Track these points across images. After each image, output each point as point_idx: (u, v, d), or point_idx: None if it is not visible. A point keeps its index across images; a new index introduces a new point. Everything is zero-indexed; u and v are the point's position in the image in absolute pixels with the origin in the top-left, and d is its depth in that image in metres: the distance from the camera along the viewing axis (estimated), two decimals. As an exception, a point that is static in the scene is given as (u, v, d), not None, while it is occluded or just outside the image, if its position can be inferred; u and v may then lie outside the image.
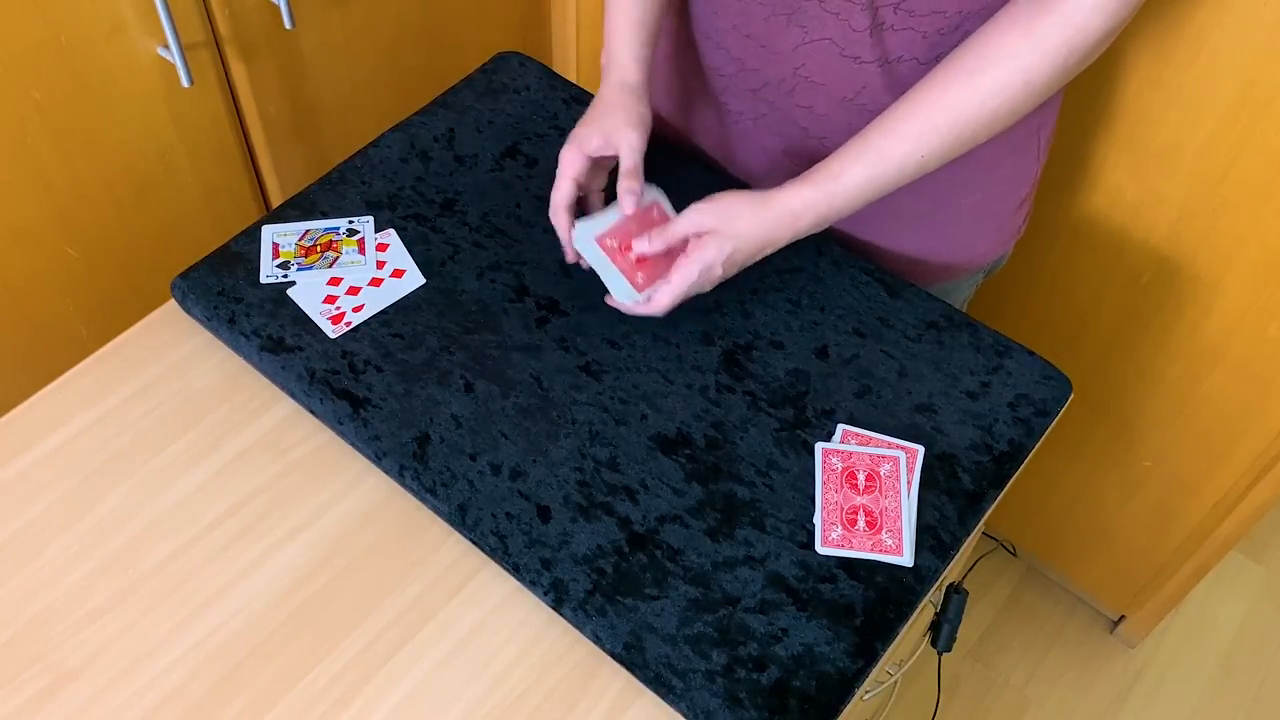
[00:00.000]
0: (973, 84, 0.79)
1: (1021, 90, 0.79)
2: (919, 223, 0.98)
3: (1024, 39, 0.77)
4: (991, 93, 0.79)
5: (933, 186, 0.94)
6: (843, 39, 0.85)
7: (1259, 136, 1.05)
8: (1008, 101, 0.80)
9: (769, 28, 0.88)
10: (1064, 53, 0.77)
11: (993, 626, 1.71)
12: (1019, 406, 0.87)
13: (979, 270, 1.05)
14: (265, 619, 0.77)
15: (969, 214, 0.98)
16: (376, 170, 1.00)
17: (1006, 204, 1.00)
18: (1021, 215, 1.03)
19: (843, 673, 0.74)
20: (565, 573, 0.77)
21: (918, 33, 0.82)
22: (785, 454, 0.83)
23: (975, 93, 0.79)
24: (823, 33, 0.85)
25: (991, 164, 0.94)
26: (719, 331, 0.90)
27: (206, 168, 1.23)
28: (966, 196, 0.96)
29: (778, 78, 0.90)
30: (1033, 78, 0.78)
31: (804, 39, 0.86)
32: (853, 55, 0.85)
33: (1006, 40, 0.78)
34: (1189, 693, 1.65)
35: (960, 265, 1.03)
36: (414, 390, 0.85)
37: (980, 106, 0.80)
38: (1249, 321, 1.19)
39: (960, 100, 0.80)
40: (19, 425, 0.86)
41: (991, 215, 1.00)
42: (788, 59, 0.89)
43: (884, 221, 0.98)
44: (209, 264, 0.93)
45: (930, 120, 0.81)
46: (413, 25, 1.35)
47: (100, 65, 1.06)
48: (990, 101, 0.79)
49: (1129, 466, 1.44)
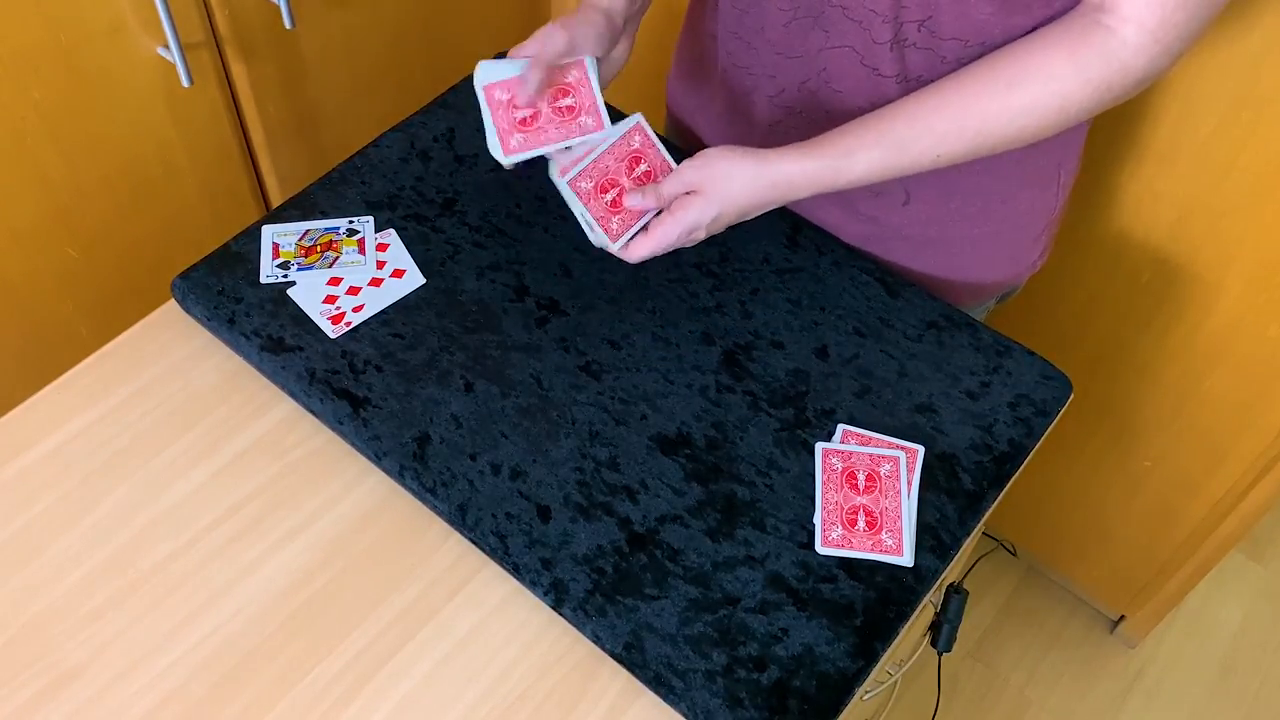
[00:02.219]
0: (1009, 96, 0.78)
1: (1056, 114, 0.78)
2: (930, 247, 0.97)
3: (1068, 63, 0.76)
4: (1024, 109, 0.78)
5: (945, 215, 0.94)
6: (864, 48, 0.84)
7: (1259, 136, 1.05)
8: (1037, 121, 0.78)
9: (789, 33, 0.87)
10: (1104, 88, 0.76)
11: (993, 626, 1.71)
12: (1019, 406, 0.87)
13: (990, 298, 1.05)
14: (265, 619, 0.77)
15: (981, 244, 0.97)
16: (376, 170, 1.00)
17: (1022, 236, 0.99)
18: (1039, 249, 1.02)
19: (843, 673, 0.74)
20: (565, 573, 0.77)
21: (938, 55, 0.82)
22: (785, 454, 0.83)
23: (1008, 106, 0.78)
24: (845, 40, 0.85)
25: (1006, 197, 0.94)
26: (719, 331, 0.90)
27: (206, 168, 1.23)
28: (979, 227, 0.96)
29: (799, 80, 0.90)
30: (1069, 104, 0.77)
31: (826, 43, 0.86)
32: (872, 66, 0.85)
33: (1050, 60, 0.76)
34: (1189, 693, 1.65)
35: (969, 291, 1.02)
36: (414, 390, 0.85)
37: (1010, 122, 0.78)
38: (1249, 321, 1.19)
39: (993, 111, 0.78)
40: (19, 425, 0.86)
41: (1005, 246, 0.99)
42: (811, 62, 0.88)
43: (896, 243, 0.97)
44: (209, 264, 0.93)
45: (957, 122, 0.79)
46: (413, 25, 1.35)
47: (100, 65, 1.06)
48: (1020, 119, 0.78)
49: (1129, 466, 1.44)
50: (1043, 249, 1.02)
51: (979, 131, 0.79)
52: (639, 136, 0.87)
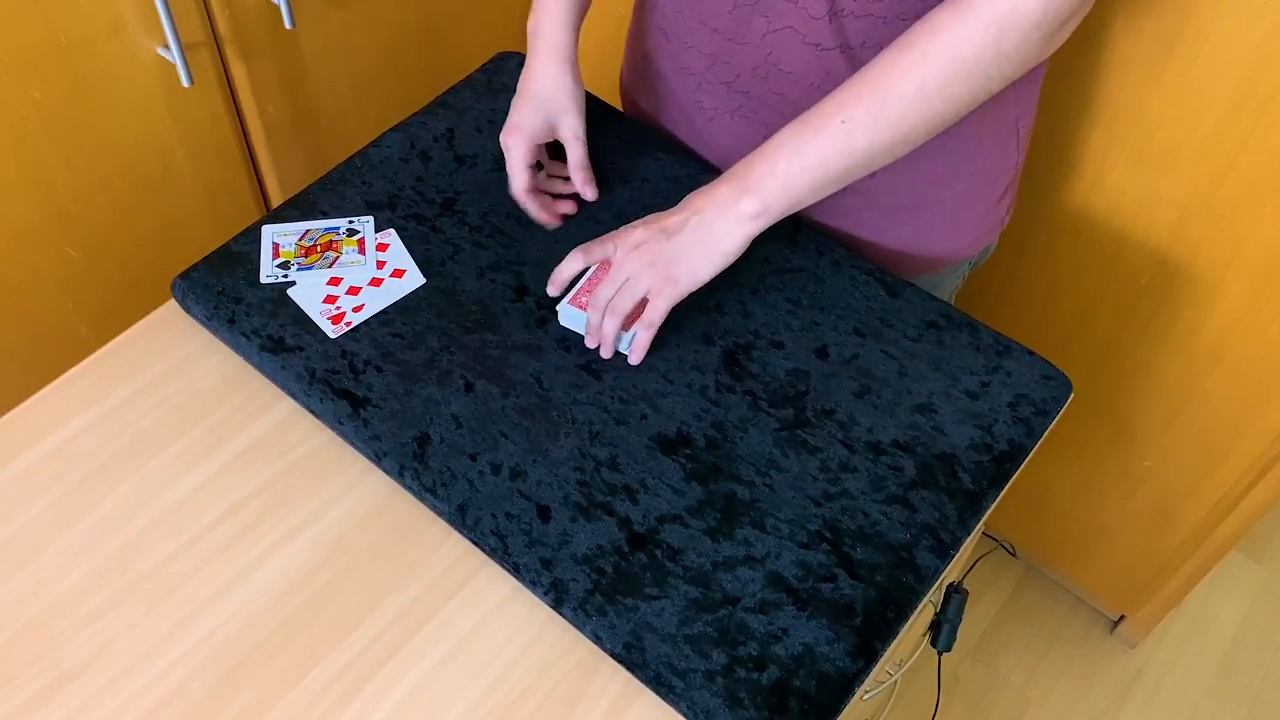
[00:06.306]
0: (898, 56, 0.78)
1: (949, 65, 0.76)
2: (901, 216, 0.98)
3: (954, 12, 0.75)
4: (915, 64, 0.77)
5: (913, 180, 0.95)
6: (804, 26, 0.85)
7: (1259, 136, 1.05)
8: (935, 75, 0.77)
9: (734, 19, 0.88)
10: (995, 30, 0.74)
11: (993, 626, 1.71)
12: (1019, 406, 0.87)
13: (964, 262, 1.06)
14: (265, 619, 0.77)
15: (950, 207, 0.98)
16: (376, 170, 1.00)
17: (987, 196, 1.00)
18: (1003, 207, 1.03)
19: (843, 672, 0.74)
20: (565, 573, 0.77)
21: (876, 18, 0.82)
22: (785, 454, 0.83)
23: (898, 63, 0.78)
24: (785, 21, 0.86)
25: (970, 156, 0.95)
26: (719, 331, 0.90)
27: (206, 168, 1.23)
28: (948, 189, 0.96)
29: (750, 67, 0.91)
30: (960, 51, 0.76)
31: (769, 28, 0.87)
32: (814, 42, 0.85)
33: (937, 16, 0.76)
34: (1189, 693, 1.65)
35: (944, 258, 1.03)
36: (414, 390, 0.85)
37: (903, 78, 0.78)
38: (1249, 321, 1.19)
39: (884, 69, 0.78)
40: (19, 425, 0.86)
41: (973, 207, 1.00)
42: (756, 48, 0.89)
43: (866, 214, 0.98)
44: (209, 264, 0.93)
45: (852, 91, 0.80)
46: (413, 25, 1.35)
47: (100, 65, 1.06)
48: (914, 74, 0.77)
49: (1129, 467, 1.44)
50: (1008, 206, 1.04)
51: (876, 94, 0.79)
52: None
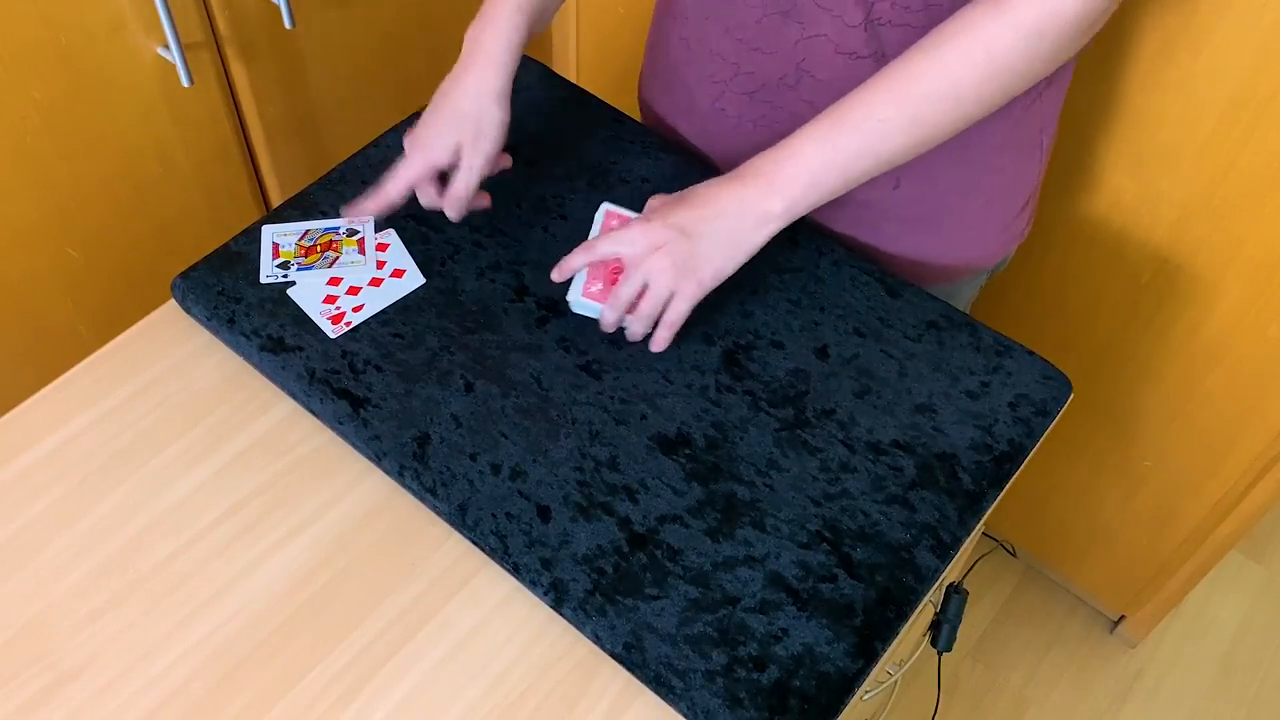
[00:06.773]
0: (931, 55, 0.77)
1: (985, 66, 0.76)
2: (919, 226, 0.98)
3: (989, 11, 0.75)
4: (950, 65, 0.76)
5: (933, 190, 0.94)
6: (838, 35, 0.84)
7: (1259, 136, 1.05)
8: (970, 74, 0.76)
9: (762, 29, 0.88)
10: (1033, 31, 0.74)
11: (993, 626, 1.71)
12: (1019, 406, 0.87)
13: (981, 273, 1.05)
14: (265, 619, 0.77)
15: (970, 217, 0.98)
16: (376, 170, 1.00)
17: (1009, 207, 0.99)
18: (1024, 219, 1.02)
19: (843, 673, 0.74)
20: (565, 573, 0.77)
21: (913, 28, 0.82)
22: (785, 454, 0.83)
23: (931, 63, 0.77)
24: (819, 29, 0.85)
25: (992, 168, 0.94)
26: (719, 331, 0.90)
27: (206, 168, 1.23)
28: (968, 200, 0.96)
29: (776, 76, 0.90)
30: (996, 51, 0.75)
31: (802, 35, 0.86)
32: (849, 51, 0.85)
33: (973, 14, 0.76)
34: (1189, 693, 1.65)
35: (961, 268, 1.02)
36: (414, 390, 0.85)
37: (937, 78, 0.77)
38: (1249, 321, 1.19)
39: (916, 68, 0.78)
40: (19, 425, 0.86)
41: (993, 219, 0.99)
42: (787, 57, 0.88)
43: (884, 224, 0.98)
44: (209, 264, 0.93)
45: (883, 91, 0.79)
46: (413, 25, 1.35)
47: (100, 65, 1.06)
48: (948, 74, 0.77)
49: (1129, 466, 1.44)
50: (1028, 219, 1.03)
51: (917, 102, 0.78)
52: (615, 221, 0.92)
